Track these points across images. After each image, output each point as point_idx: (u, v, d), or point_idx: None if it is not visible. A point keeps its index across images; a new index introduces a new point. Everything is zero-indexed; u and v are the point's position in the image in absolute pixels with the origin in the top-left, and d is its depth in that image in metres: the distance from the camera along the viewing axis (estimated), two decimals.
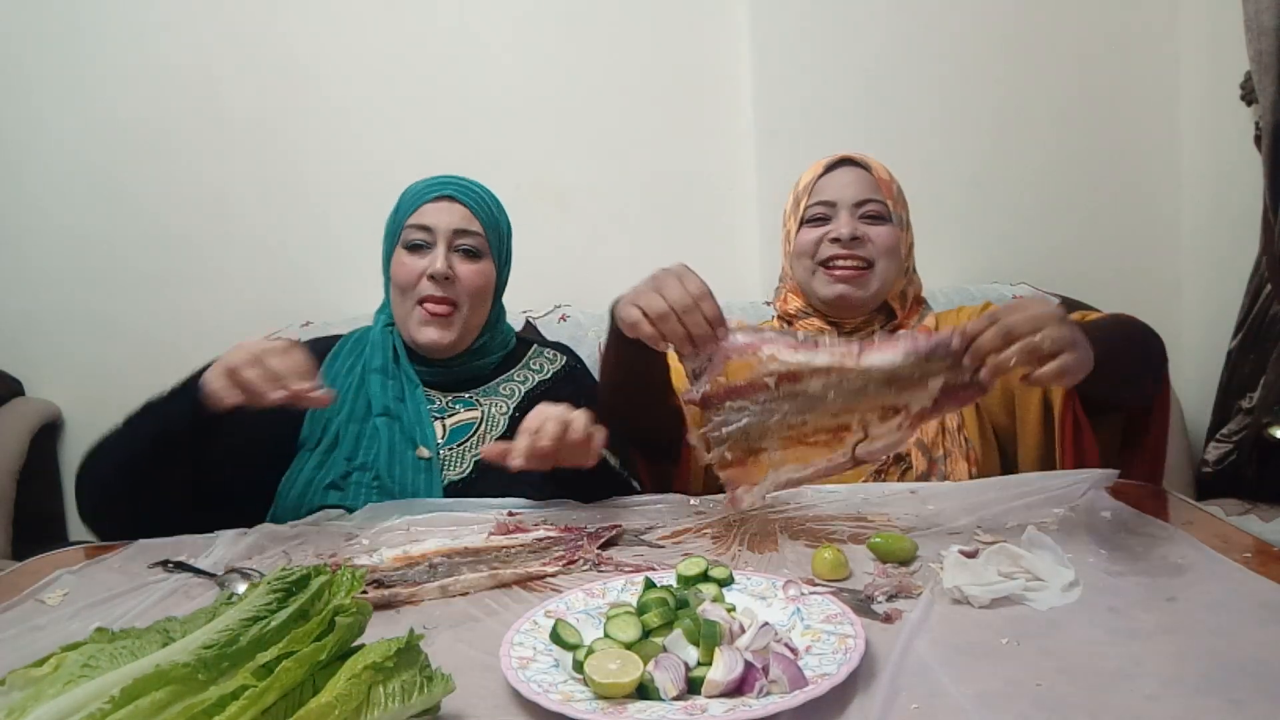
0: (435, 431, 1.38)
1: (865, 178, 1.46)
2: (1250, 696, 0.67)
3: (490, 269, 1.45)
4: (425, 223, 1.41)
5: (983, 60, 2.15)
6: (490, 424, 1.42)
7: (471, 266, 1.42)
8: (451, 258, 1.40)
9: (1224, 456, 1.88)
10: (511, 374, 1.50)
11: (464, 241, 1.42)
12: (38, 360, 2.33)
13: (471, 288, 1.41)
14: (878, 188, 1.45)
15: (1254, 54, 1.66)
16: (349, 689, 0.62)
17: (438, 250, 1.40)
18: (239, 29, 2.23)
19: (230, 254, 2.29)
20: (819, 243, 1.44)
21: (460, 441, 1.40)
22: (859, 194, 1.44)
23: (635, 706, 0.68)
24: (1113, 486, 1.16)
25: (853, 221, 1.43)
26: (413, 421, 1.39)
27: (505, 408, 1.45)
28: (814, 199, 1.46)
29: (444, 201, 1.43)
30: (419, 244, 1.41)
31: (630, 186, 2.25)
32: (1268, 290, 1.77)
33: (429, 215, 1.42)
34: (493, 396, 1.46)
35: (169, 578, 1.04)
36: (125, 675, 0.60)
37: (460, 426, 1.41)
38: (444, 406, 1.43)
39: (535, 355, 1.55)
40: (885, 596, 0.88)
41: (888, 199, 1.45)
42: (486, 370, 1.48)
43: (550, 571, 1.00)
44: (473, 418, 1.43)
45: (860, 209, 1.44)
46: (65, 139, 2.27)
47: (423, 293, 1.39)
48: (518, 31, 2.22)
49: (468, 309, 1.42)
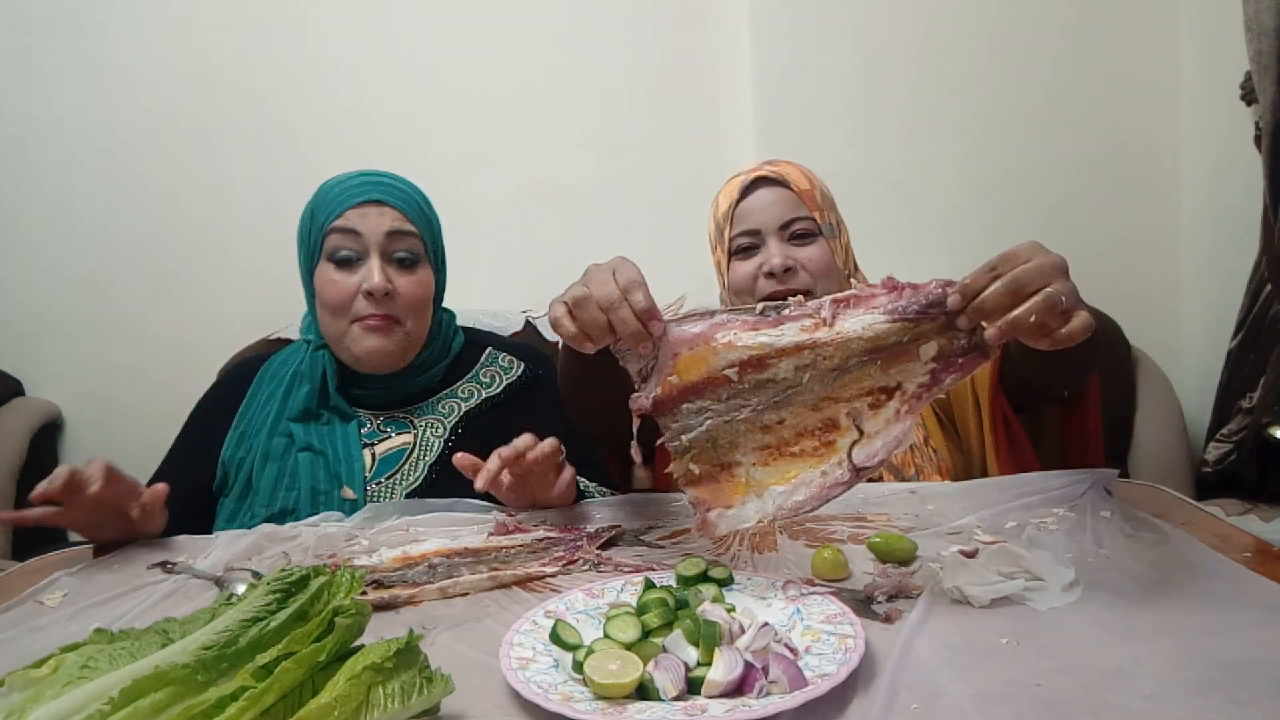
0: (364, 463, 1.27)
1: (785, 196, 1.38)
2: (1250, 696, 0.67)
3: (429, 277, 1.32)
4: (352, 227, 1.26)
5: (981, 60, 2.15)
6: (424, 448, 1.30)
7: (410, 277, 1.29)
8: (387, 269, 1.27)
9: (1224, 456, 1.88)
10: (455, 389, 1.38)
11: (399, 248, 1.28)
12: (38, 360, 2.33)
13: (413, 300, 1.29)
14: (800, 203, 1.38)
15: (1254, 54, 1.66)
16: (348, 690, 0.62)
17: (371, 262, 1.26)
18: (239, 28, 2.23)
19: (230, 254, 2.29)
20: (754, 278, 1.38)
21: (390, 473, 1.28)
22: (782, 215, 1.37)
23: (635, 707, 0.68)
24: (1112, 486, 1.16)
25: (783, 248, 1.36)
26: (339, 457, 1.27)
27: (441, 429, 1.32)
28: (737, 228, 1.40)
29: (372, 205, 1.27)
30: (348, 256, 1.27)
31: (630, 186, 2.25)
32: (1268, 290, 1.77)
33: (355, 220, 1.27)
34: (428, 416, 1.34)
35: (168, 578, 1.04)
36: (124, 676, 0.60)
37: (390, 455, 1.30)
38: (374, 430, 1.32)
39: (487, 364, 1.41)
40: (885, 597, 0.88)
41: (813, 212, 1.38)
42: (432, 384, 1.36)
43: (550, 572, 1.00)
44: (404, 443, 1.31)
45: (787, 230, 1.37)
46: (66, 139, 2.27)
47: (359, 312, 1.26)
48: (518, 31, 2.22)
49: (411, 322, 1.30)
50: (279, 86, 2.24)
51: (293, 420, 1.31)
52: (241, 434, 1.35)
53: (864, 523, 1.10)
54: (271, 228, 2.28)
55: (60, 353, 2.33)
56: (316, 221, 1.31)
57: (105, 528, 1.14)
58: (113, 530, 1.14)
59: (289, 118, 2.25)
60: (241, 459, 1.31)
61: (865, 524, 1.09)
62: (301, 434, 1.30)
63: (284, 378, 1.37)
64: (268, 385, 1.37)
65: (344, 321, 1.28)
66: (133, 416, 2.25)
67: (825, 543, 1.03)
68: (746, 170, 1.43)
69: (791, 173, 1.41)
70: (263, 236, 2.28)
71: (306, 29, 2.23)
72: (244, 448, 1.32)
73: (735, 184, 1.43)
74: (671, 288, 2.26)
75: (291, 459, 1.29)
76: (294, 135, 2.25)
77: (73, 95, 2.25)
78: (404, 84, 2.24)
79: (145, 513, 1.12)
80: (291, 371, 1.37)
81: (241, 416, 1.36)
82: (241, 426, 1.35)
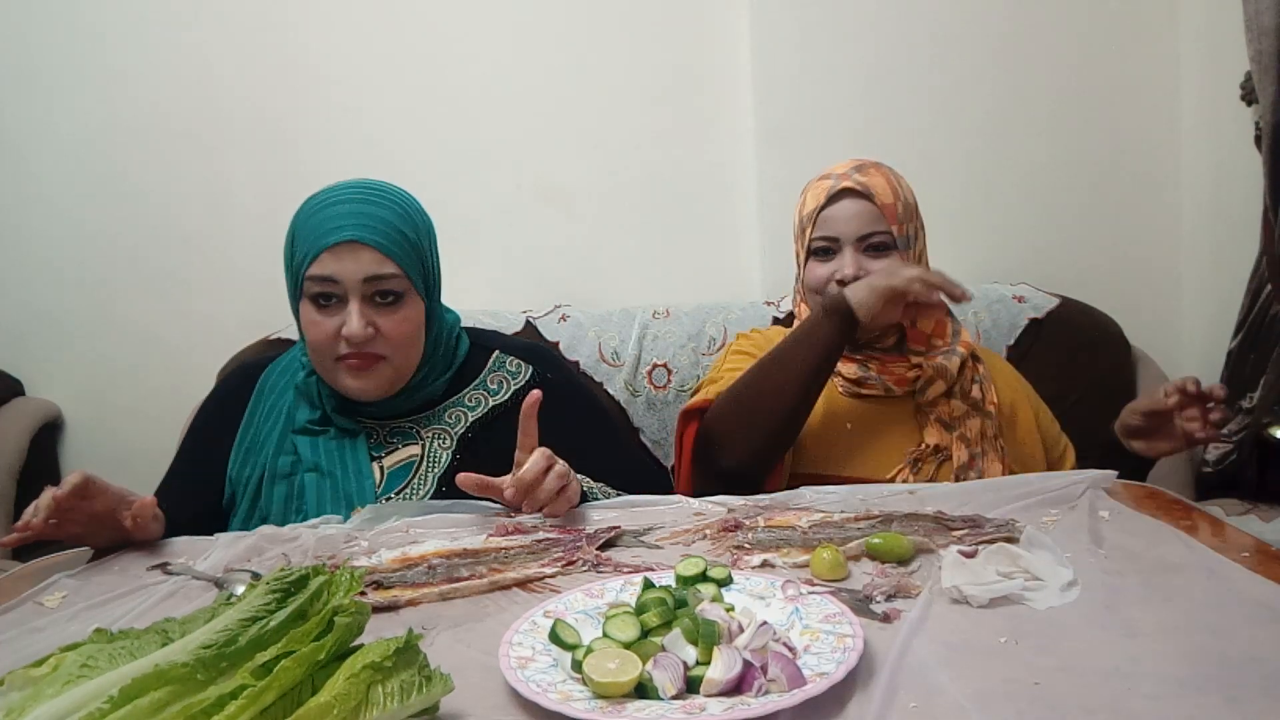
0: (374, 480, 1.26)
1: (867, 210, 1.44)
2: (1249, 696, 0.67)
3: (416, 309, 1.26)
4: (328, 274, 1.21)
5: (982, 60, 2.15)
6: (432, 460, 1.28)
7: (393, 316, 1.23)
8: (368, 312, 1.22)
9: (1224, 456, 1.88)
10: (462, 397, 1.34)
11: (379, 288, 1.22)
12: (38, 360, 2.33)
13: (398, 338, 1.24)
14: (880, 217, 1.44)
15: (1254, 54, 1.66)
16: (348, 689, 0.62)
17: (351, 307, 1.21)
18: (240, 28, 2.23)
19: (230, 254, 2.28)
20: (828, 281, 1.45)
21: (399, 488, 1.26)
22: (861, 228, 1.43)
23: (634, 705, 0.68)
24: (1111, 487, 1.16)
25: (857, 259, 1.43)
26: (349, 476, 1.25)
27: (449, 440, 1.30)
28: (818, 231, 1.46)
29: (346, 247, 1.21)
30: (327, 297, 1.22)
31: (631, 186, 2.25)
32: (1268, 290, 1.77)
33: (331, 266, 1.20)
34: (435, 426, 1.31)
35: (168, 579, 1.04)
36: (124, 675, 0.60)
37: (400, 469, 1.28)
38: (380, 441, 1.29)
39: (494, 369, 1.38)
40: (884, 596, 0.88)
41: (892, 225, 1.44)
42: (436, 394, 1.33)
43: (549, 573, 1.00)
44: (412, 455, 1.28)
45: (864, 243, 1.44)
46: (66, 139, 2.27)
47: (340, 351, 1.23)
48: (518, 31, 2.22)
49: (398, 358, 1.26)
50: (278, 87, 2.24)
51: (296, 433, 1.29)
52: (246, 451, 1.32)
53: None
54: (271, 228, 2.26)
55: (60, 353, 2.33)
56: (295, 258, 1.27)
57: (100, 535, 1.14)
58: (109, 536, 1.14)
59: (288, 118, 2.25)
60: (248, 477, 1.29)
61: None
62: (309, 452, 1.28)
63: (285, 389, 1.35)
64: (269, 396, 1.35)
65: (328, 359, 1.25)
66: (133, 416, 2.25)
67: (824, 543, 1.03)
68: (836, 173, 1.47)
69: (878, 185, 1.45)
70: (262, 237, 2.26)
71: (306, 30, 2.23)
72: (249, 465, 1.31)
73: (823, 188, 1.47)
74: (672, 287, 2.28)
75: (299, 478, 1.27)
76: (293, 135, 2.25)
77: (72, 96, 2.25)
78: (404, 84, 2.23)
79: (136, 524, 1.12)
80: (292, 387, 1.34)
81: (245, 431, 1.34)
82: (245, 443, 1.33)
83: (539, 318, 2.04)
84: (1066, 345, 1.92)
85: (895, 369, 1.47)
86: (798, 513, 1.12)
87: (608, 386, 1.95)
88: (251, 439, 1.33)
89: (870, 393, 1.47)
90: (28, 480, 2.14)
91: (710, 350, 1.97)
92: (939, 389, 1.45)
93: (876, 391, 1.46)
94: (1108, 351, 1.96)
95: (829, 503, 1.18)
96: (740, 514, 1.14)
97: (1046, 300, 1.99)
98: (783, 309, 2.01)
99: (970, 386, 1.47)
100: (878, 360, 1.48)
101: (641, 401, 1.96)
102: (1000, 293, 2.01)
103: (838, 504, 1.17)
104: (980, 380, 1.49)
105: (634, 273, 2.26)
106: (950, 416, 1.44)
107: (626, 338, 1.99)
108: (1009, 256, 2.18)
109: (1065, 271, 2.13)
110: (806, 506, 1.17)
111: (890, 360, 1.48)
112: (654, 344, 1.99)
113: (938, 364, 1.46)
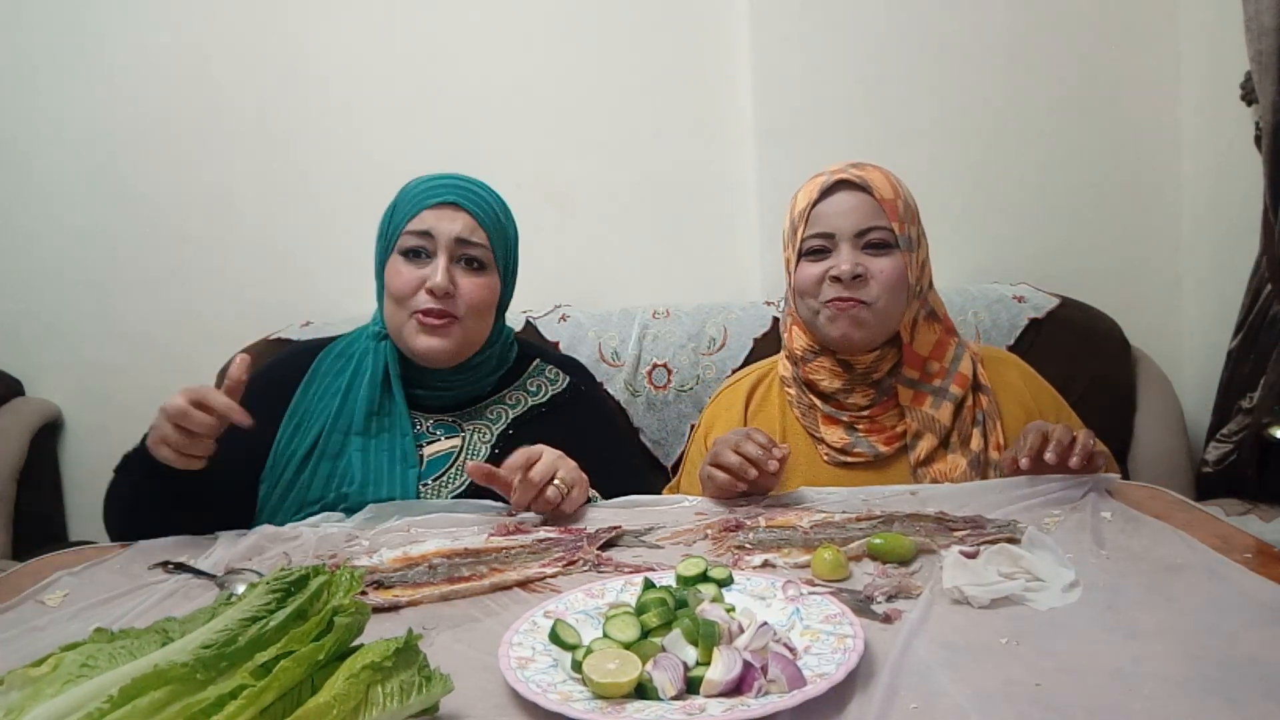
0: (418, 467, 1.30)
1: (866, 203, 1.33)
2: (1250, 697, 0.67)
3: (494, 282, 1.34)
4: (425, 229, 1.30)
5: (983, 60, 2.15)
6: (471, 452, 1.33)
7: (474, 280, 1.31)
8: (453, 269, 1.30)
9: (1224, 456, 1.88)
10: (503, 395, 1.39)
11: (467, 252, 1.31)
12: (38, 360, 2.33)
13: (474, 301, 1.31)
14: (880, 211, 1.32)
15: (1254, 54, 1.66)
16: (347, 689, 0.62)
17: (438, 261, 1.29)
18: (240, 28, 2.23)
19: (230, 254, 2.29)
20: (820, 281, 1.33)
21: (437, 475, 1.31)
22: (859, 222, 1.32)
23: (634, 706, 0.68)
24: (1113, 488, 1.16)
25: (854, 255, 1.32)
26: (395, 461, 1.29)
27: (489, 434, 1.35)
28: (811, 229, 1.35)
29: (447, 208, 1.31)
30: (417, 251, 1.31)
31: (631, 186, 2.25)
32: (1268, 290, 1.77)
33: (429, 221, 1.30)
34: (476, 421, 1.36)
35: (169, 579, 1.05)
36: (124, 675, 0.60)
37: (439, 458, 1.32)
38: (424, 432, 1.34)
39: (535, 374, 1.44)
40: (885, 597, 0.88)
41: (893, 222, 1.33)
42: (484, 391, 1.39)
43: (550, 573, 0.99)
44: (452, 446, 1.33)
45: (862, 239, 1.32)
46: (66, 139, 2.27)
47: (419, 305, 1.29)
48: (519, 31, 2.22)
49: (470, 322, 1.32)
50: (278, 87, 2.24)
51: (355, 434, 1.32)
52: (297, 425, 1.34)
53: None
54: (271, 229, 2.28)
55: (60, 353, 2.33)
56: (395, 219, 1.34)
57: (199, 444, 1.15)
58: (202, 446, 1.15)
59: (289, 119, 2.25)
60: (293, 450, 1.32)
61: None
62: (359, 438, 1.31)
63: (343, 370, 1.37)
64: (324, 377, 1.37)
65: (405, 313, 1.31)
66: (133, 417, 2.21)
67: (825, 543, 1.03)
68: (830, 170, 1.37)
69: (876, 179, 1.35)
70: (262, 237, 2.28)
71: (306, 31, 2.23)
72: (298, 438, 1.33)
73: (816, 184, 1.37)
74: (672, 287, 2.28)
75: (345, 459, 1.30)
76: (294, 136, 2.25)
77: (73, 96, 2.25)
78: (404, 85, 2.23)
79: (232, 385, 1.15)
80: (353, 365, 1.37)
81: (296, 406, 1.36)
82: (297, 418, 1.35)
83: (539, 318, 2.04)
84: (1066, 345, 1.92)
85: (885, 422, 1.36)
86: (799, 513, 1.12)
87: (608, 386, 1.95)
88: (303, 414, 1.35)
89: (858, 460, 1.35)
90: (28, 480, 2.15)
91: (710, 350, 1.97)
92: (930, 444, 1.33)
93: (865, 457, 1.35)
94: (1108, 351, 1.96)
95: (830, 503, 1.18)
96: (741, 514, 1.14)
97: (1046, 300, 1.99)
98: (783, 309, 2.01)
99: (970, 432, 1.35)
100: (866, 419, 1.37)
101: (641, 401, 1.96)
102: (1000, 293, 2.01)
103: (839, 504, 1.17)
104: (984, 419, 1.36)
105: (634, 273, 2.26)
106: (947, 478, 1.31)
107: (626, 338, 1.99)
108: (1009, 256, 2.18)
109: (1065, 271, 2.13)
110: (808, 507, 1.17)
111: (880, 413, 1.37)
112: (654, 344, 1.99)
113: (924, 415, 1.34)
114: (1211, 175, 2.08)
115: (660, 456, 1.95)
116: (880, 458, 1.35)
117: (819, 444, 1.38)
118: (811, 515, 1.10)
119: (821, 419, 1.39)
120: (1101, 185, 2.17)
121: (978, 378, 1.39)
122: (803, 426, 1.41)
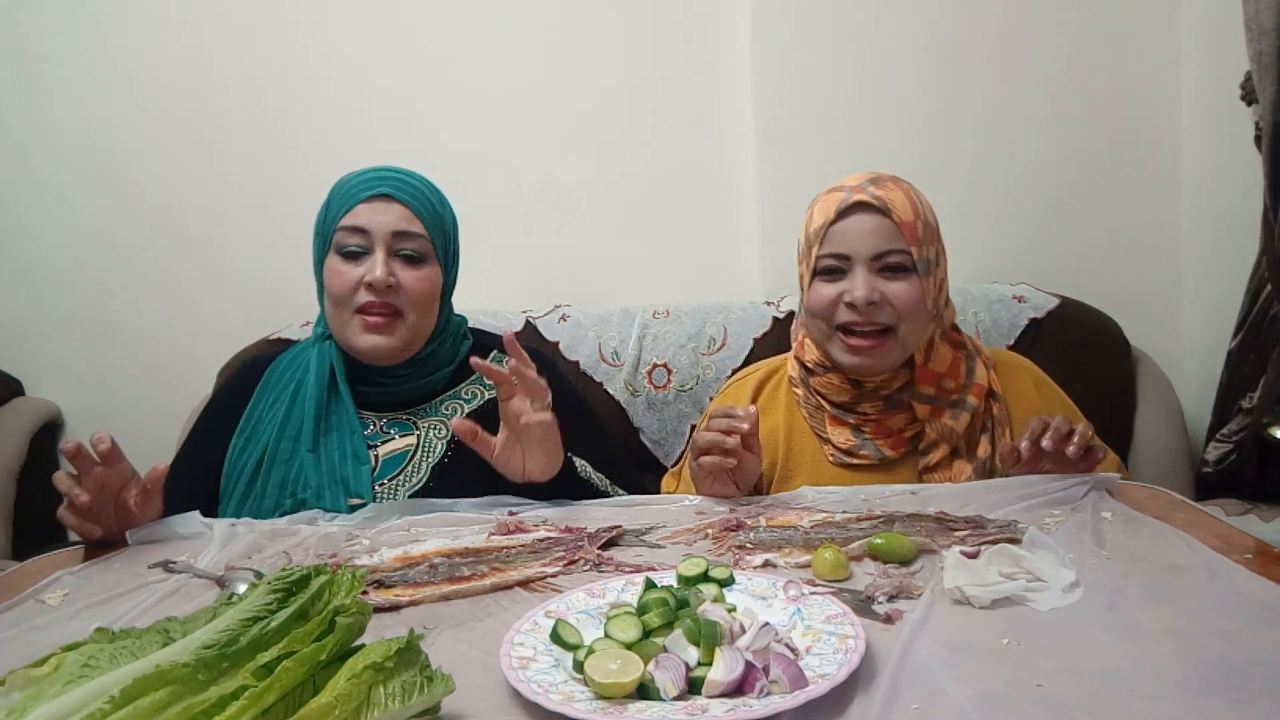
0: (371, 466, 1.28)
1: (884, 226, 1.30)
2: (1251, 697, 0.67)
3: (435, 274, 1.32)
4: (360, 224, 1.28)
5: (982, 60, 2.15)
6: (427, 450, 1.31)
7: (415, 273, 1.29)
8: (392, 263, 1.28)
9: (1224, 456, 1.88)
10: (458, 390, 1.38)
11: (405, 246, 1.29)
12: (38, 360, 2.33)
13: (415, 295, 1.29)
14: (898, 234, 1.29)
15: (1254, 54, 1.66)
16: (349, 689, 0.62)
17: (376, 256, 1.27)
18: (240, 28, 2.23)
19: (230, 254, 2.29)
20: (834, 304, 1.31)
21: (392, 475, 1.29)
22: (876, 246, 1.29)
23: (635, 706, 0.68)
24: (1114, 488, 1.16)
25: (870, 280, 1.29)
26: (346, 460, 1.27)
27: (444, 431, 1.33)
28: (826, 248, 1.31)
29: (380, 201, 1.29)
30: (354, 250, 1.29)
31: (630, 186, 2.25)
32: (1268, 290, 1.77)
33: (364, 216, 1.28)
34: (431, 418, 1.34)
35: (169, 578, 1.04)
36: (125, 675, 0.60)
37: (393, 457, 1.31)
38: (377, 431, 1.32)
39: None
40: (886, 597, 0.88)
41: (911, 245, 1.30)
42: (437, 386, 1.37)
43: (551, 572, 1.00)
44: (407, 445, 1.32)
45: (879, 262, 1.30)
46: (66, 140, 2.27)
47: (360, 301, 1.28)
48: (519, 31, 2.22)
49: (414, 316, 1.30)
50: (278, 87, 2.24)
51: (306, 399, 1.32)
52: (247, 438, 1.34)
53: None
54: (271, 228, 2.28)
55: (60, 353, 2.33)
56: (329, 216, 1.33)
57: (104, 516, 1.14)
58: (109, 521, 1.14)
59: (288, 118, 2.25)
60: (244, 463, 1.31)
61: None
62: (309, 440, 1.30)
63: (291, 379, 1.36)
64: (274, 388, 1.37)
65: (347, 312, 1.29)
66: (133, 416, 2.24)
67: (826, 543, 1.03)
68: (849, 185, 1.34)
69: (896, 200, 1.31)
70: (262, 237, 2.28)
71: (305, 30, 2.23)
72: (248, 450, 1.32)
73: (833, 201, 1.33)
74: (672, 287, 2.28)
75: (297, 462, 1.29)
76: (293, 136, 2.25)
77: (72, 96, 2.25)
78: (404, 85, 2.23)
79: (145, 494, 1.13)
80: (299, 374, 1.36)
81: (247, 418, 1.36)
82: (247, 430, 1.35)
83: (539, 318, 2.04)
84: (1066, 345, 1.92)
85: (892, 424, 1.35)
86: (800, 512, 1.12)
87: (608, 386, 1.95)
88: (254, 426, 1.35)
89: (863, 462, 1.35)
90: (28, 480, 2.15)
91: (710, 350, 1.97)
92: (942, 453, 1.32)
93: (870, 460, 1.34)
94: (1108, 351, 1.96)
95: (831, 503, 1.18)
96: (742, 514, 1.14)
97: (1046, 300, 1.99)
98: (783, 309, 2.01)
99: (978, 439, 1.34)
100: (873, 421, 1.36)
101: (641, 401, 1.96)
102: (1000, 293, 2.01)
103: (840, 504, 1.17)
104: (993, 426, 1.35)
105: (634, 273, 2.26)
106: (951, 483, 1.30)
107: (626, 338, 1.99)
108: (1009, 256, 2.18)
109: (1065, 271, 2.13)
110: (809, 506, 1.17)
111: (887, 416, 1.36)
112: (654, 344, 1.99)
113: (943, 427, 1.33)
114: (1211, 175, 2.08)
115: (660, 457, 1.95)
116: (885, 461, 1.35)
117: (825, 444, 1.38)
118: (812, 515, 1.10)
119: (829, 419, 1.39)
120: (1101, 185, 2.17)
121: (991, 385, 1.39)
122: (809, 426, 1.41)
